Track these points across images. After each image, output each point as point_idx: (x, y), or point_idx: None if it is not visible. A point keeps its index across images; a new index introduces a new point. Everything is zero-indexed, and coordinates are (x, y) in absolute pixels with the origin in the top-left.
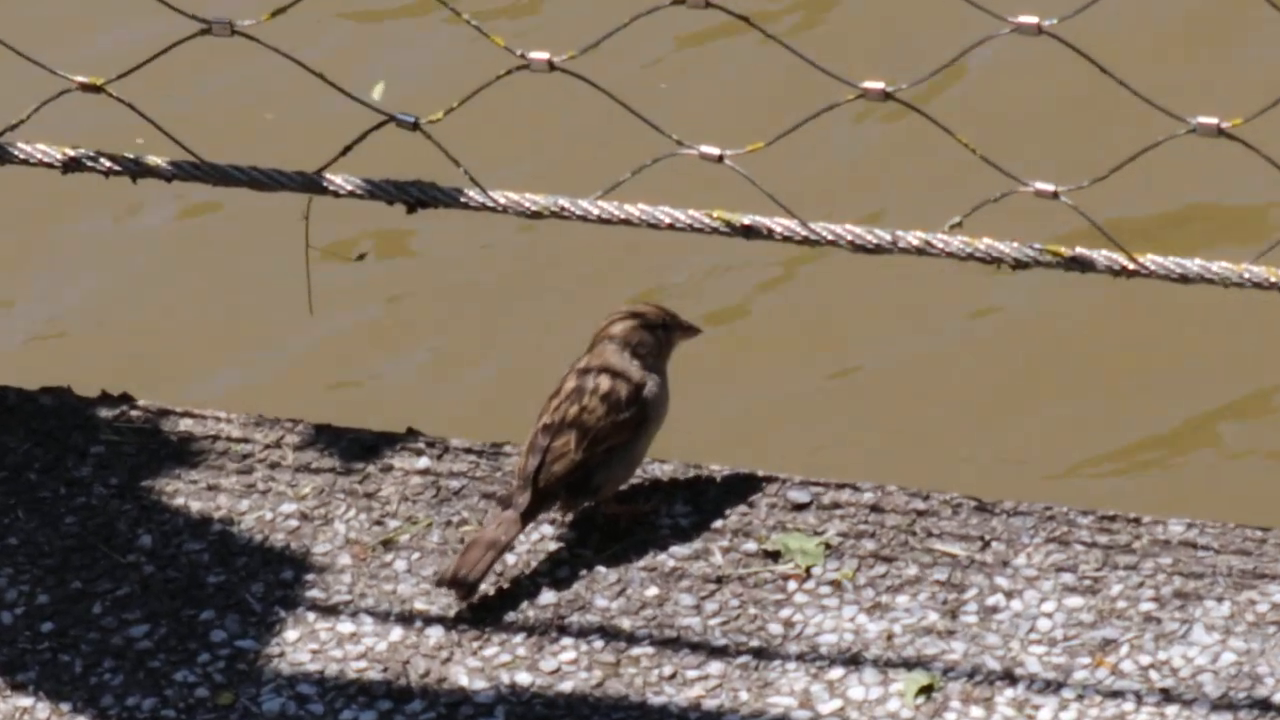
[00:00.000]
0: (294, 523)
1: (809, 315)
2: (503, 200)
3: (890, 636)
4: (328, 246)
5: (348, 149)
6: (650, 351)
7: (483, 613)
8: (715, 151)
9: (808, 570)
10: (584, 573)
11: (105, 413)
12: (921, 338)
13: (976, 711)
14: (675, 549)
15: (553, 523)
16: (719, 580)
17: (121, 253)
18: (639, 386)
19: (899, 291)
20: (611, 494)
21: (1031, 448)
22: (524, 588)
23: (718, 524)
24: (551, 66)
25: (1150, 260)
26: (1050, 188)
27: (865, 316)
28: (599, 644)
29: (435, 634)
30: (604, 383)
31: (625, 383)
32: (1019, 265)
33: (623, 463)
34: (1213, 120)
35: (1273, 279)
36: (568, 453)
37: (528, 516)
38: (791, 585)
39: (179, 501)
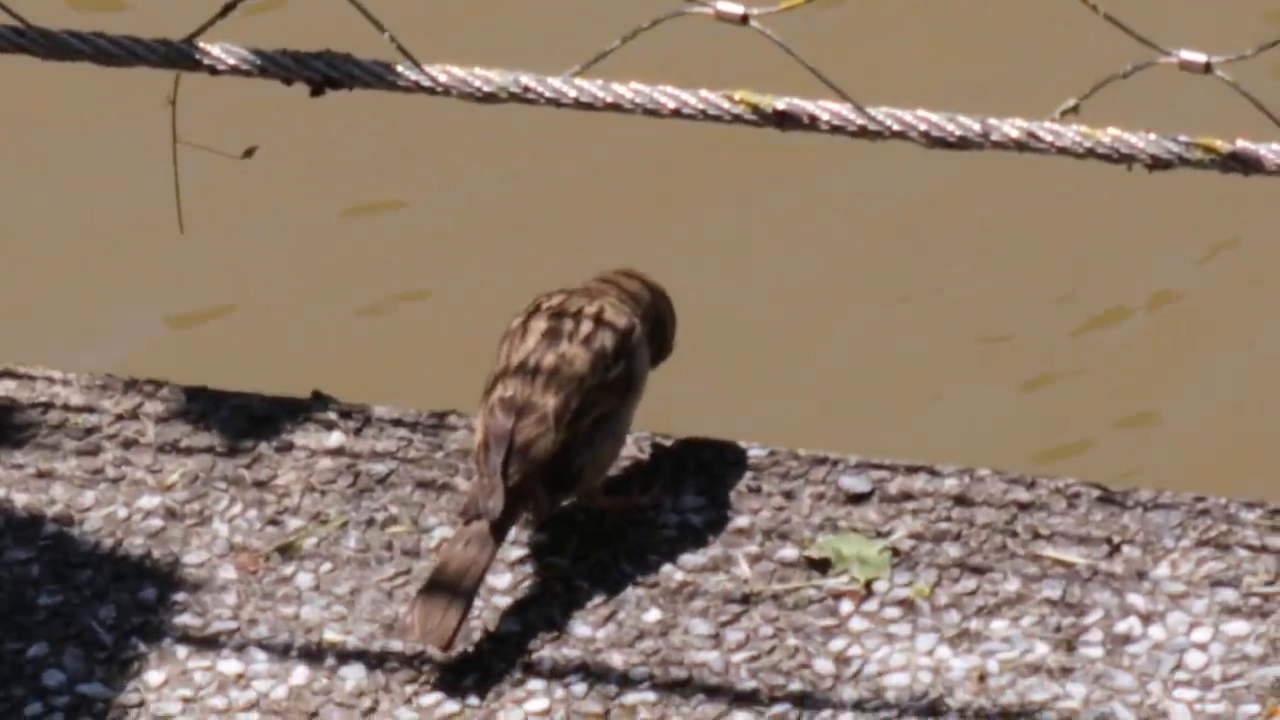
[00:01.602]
0: (157, 522)
1: (856, 246)
2: (444, 78)
3: (983, 677)
4: (202, 143)
5: (229, 7)
6: (643, 315)
7: (418, 645)
8: (738, 9)
9: (868, 586)
10: (559, 590)
11: None
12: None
13: None
14: (685, 557)
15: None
16: (745, 600)
17: None
18: (627, 332)
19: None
20: (597, 483)
21: (1175, 420)
22: (476, 611)
23: (743, 522)
24: None
25: None
26: (1201, 58)
27: (931, 245)
28: (579, 688)
29: (354, 675)
30: (586, 325)
31: (610, 329)
32: (1157, 164)
33: (610, 438)
34: None
35: None
36: (545, 431)
37: (503, 526)
38: (846, 606)
39: None
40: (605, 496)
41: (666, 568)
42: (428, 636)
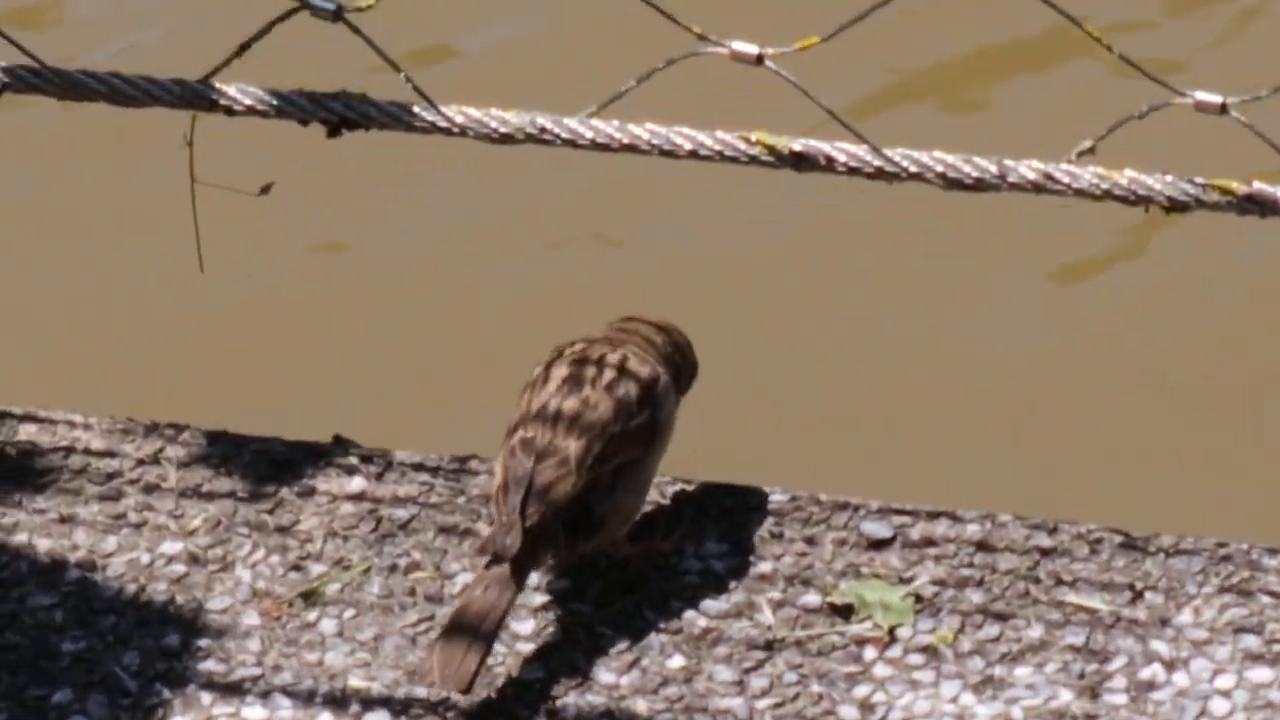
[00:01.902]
0: (180, 568)
1: (878, 290)
2: (460, 119)
3: None
4: (220, 182)
5: (244, 47)
6: (668, 364)
7: (443, 691)
8: (752, 50)
9: (891, 632)
10: (582, 636)
11: None
12: (1028, 318)
13: None
14: (708, 603)
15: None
16: (769, 646)
17: None
18: (651, 382)
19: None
20: (619, 532)
21: (1197, 465)
22: (499, 658)
23: (766, 568)
24: None
25: None
26: (1217, 99)
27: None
28: None
29: None
30: (609, 373)
31: (633, 379)
32: (1174, 207)
33: (633, 487)
34: None
35: None
36: (566, 474)
37: (522, 568)
38: (869, 653)
39: (19, 539)
40: (628, 544)
41: (690, 614)
42: (447, 680)
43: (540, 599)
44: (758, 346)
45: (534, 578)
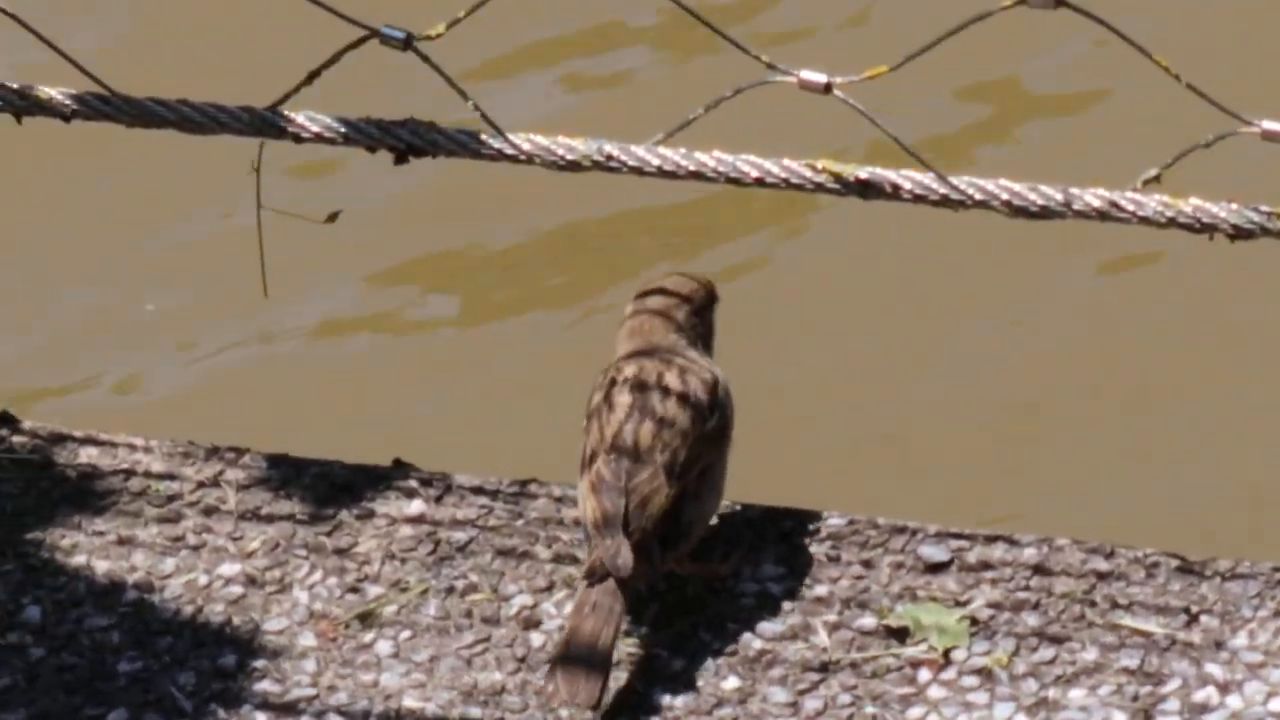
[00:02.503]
0: (237, 589)
1: (934, 313)
2: (527, 146)
3: None
4: (287, 208)
5: (314, 75)
6: (702, 336)
7: (497, 712)
8: (820, 79)
9: (946, 654)
10: (639, 657)
11: None
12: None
13: None
14: (764, 625)
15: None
16: (824, 668)
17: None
18: (714, 382)
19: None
20: (699, 537)
21: (1254, 485)
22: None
23: (822, 591)
24: None
25: None
26: None
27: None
28: None
29: None
30: (673, 380)
31: (698, 378)
32: (1239, 234)
33: (712, 492)
34: None
35: None
36: (660, 485)
37: (632, 582)
38: (924, 675)
39: (78, 560)
40: (689, 561)
41: (745, 636)
42: (575, 698)
43: None
44: (815, 370)
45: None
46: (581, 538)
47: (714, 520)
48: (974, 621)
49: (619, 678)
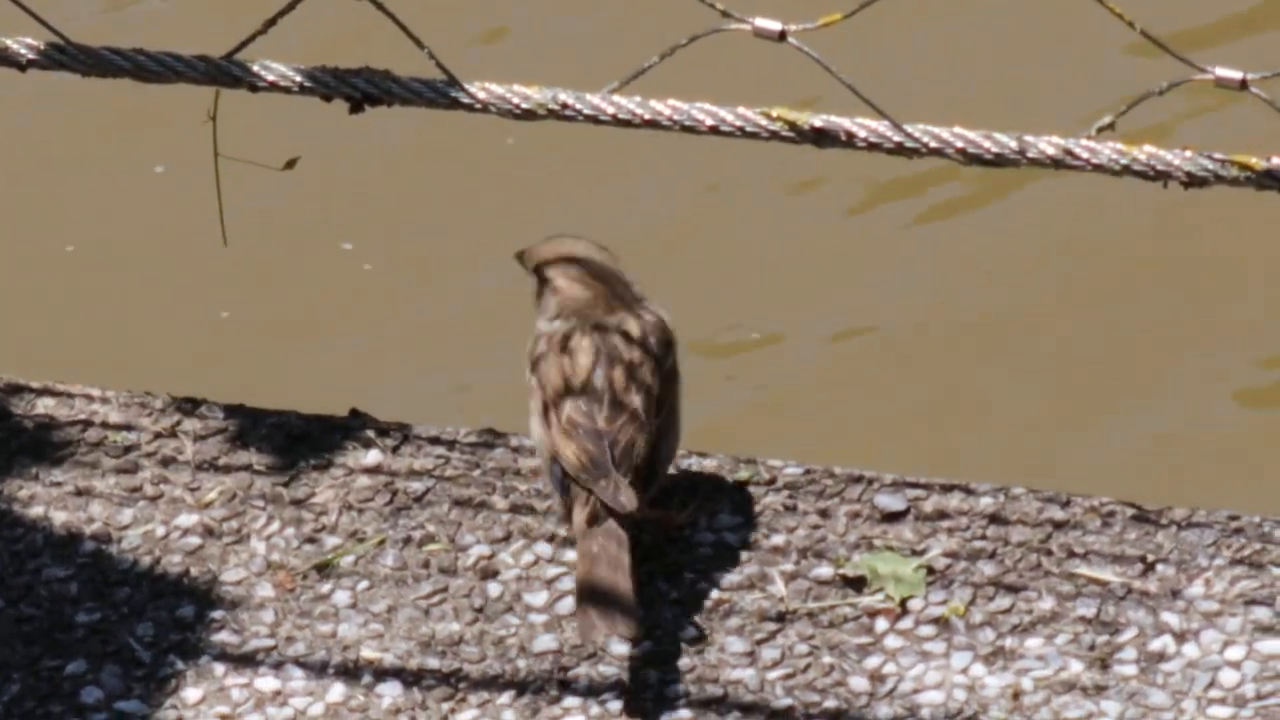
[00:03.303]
0: (195, 540)
1: (888, 262)
2: (482, 95)
3: (1018, 694)
4: (244, 157)
5: (270, 23)
6: (628, 283)
7: (454, 663)
8: (775, 26)
9: (903, 604)
10: (576, 582)
11: None
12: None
13: None
14: (720, 575)
15: (550, 539)
16: (781, 618)
17: None
18: (662, 324)
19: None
20: (666, 475)
21: (1207, 433)
22: (512, 629)
23: (778, 540)
24: None
25: None
26: (1236, 74)
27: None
28: (615, 705)
29: (390, 692)
30: (632, 324)
31: (651, 318)
32: (1193, 182)
33: (674, 428)
34: None
35: None
36: (639, 427)
37: (632, 517)
38: (881, 624)
39: (35, 511)
40: (648, 509)
41: (702, 585)
42: (615, 628)
43: (553, 570)
44: (772, 320)
45: (545, 548)
46: (540, 487)
47: (669, 468)
48: (930, 571)
49: (573, 626)
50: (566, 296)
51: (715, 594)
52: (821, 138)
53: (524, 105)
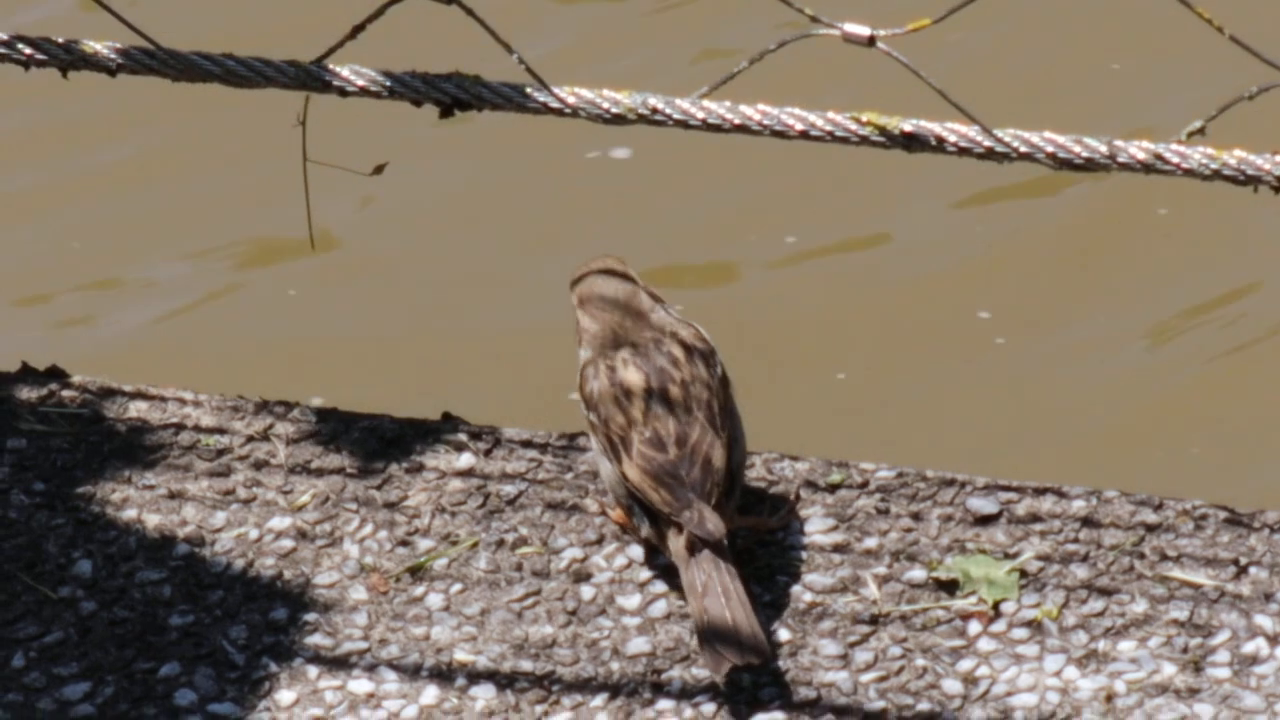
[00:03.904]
0: (288, 543)
1: (979, 272)
2: (572, 99)
3: (1111, 697)
4: (333, 162)
5: (359, 29)
6: (658, 300)
7: (547, 665)
8: (864, 31)
9: (996, 607)
10: (688, 610)
11: (27, 393)
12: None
13: None
14: (813, 578)
15: (643, 543)
16: (874, 620)
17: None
18: (696, 331)
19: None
20: (744, 481)
21: None
22: (605, 631)
23: (871, 544)
24: None
25: None
26: None
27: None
28: (709, 708)
29: (484, 695)
30: (670, 341)
31: (687, 332)
32: None
33: (741, 435)
34: None
35: None
36: (713, 437)
37: (727, 539)
38: (974, 627)
39: (128, 514)
40: (738, 516)
41: (795, 588)
42: (746, 655)
43: (645, 574)
44: (866, 326)
45: (637, 552)
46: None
47: (754, 482)
48: (1023, 574)
49: (671, 631)
50: (595, 326)
51: (808, 597)
52: (912, 142)
53: (614, 110)
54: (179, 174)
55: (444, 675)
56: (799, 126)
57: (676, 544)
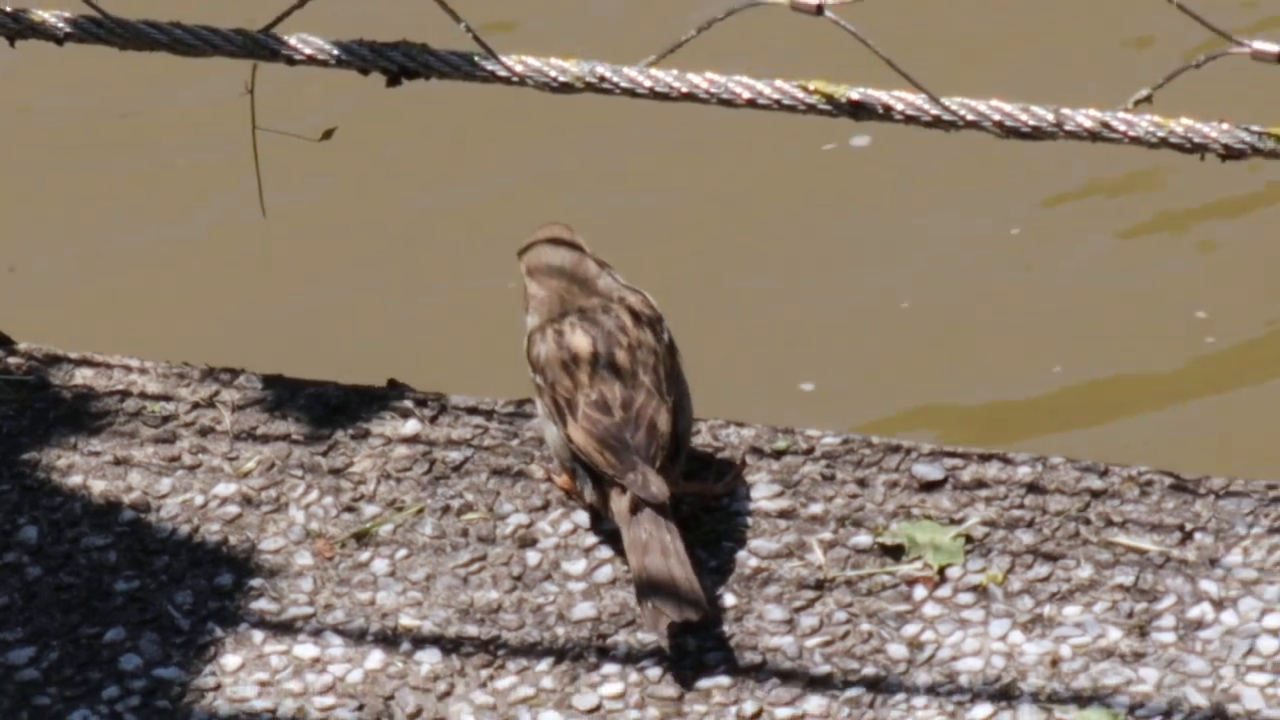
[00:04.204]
0: (233, 509)
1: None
2: (519, 68)
3: (1056, 662)
4: (280, 129)
5: None
6: (604, 266)
7: (493, 630)
8: (813, 0)
9: (941, 572)
10: (632, 576)
11: None
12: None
13: None
14: (758, 543)
15: (588, 509)
16: (819, 586)
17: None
18: (644, 297)
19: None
20: (690, 448)
21: (1246, 406)
22: (550, 596)
23: (817, 509)
24: None
25: None
26: (1274, 48)
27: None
28: (654, 672)
29: (429, 659)
30: (618, 308)
31: (635, 299)
32: (1230, 154)
33: (687, 399)
34: None
35: None
36: (659, 403)
37: (667, 500)
38: (920, 592)
39: (74, 480)
40: (683, 481)
41: (741, 554)
42: (685, 610)
43: (591, 539)
44: (811, 289)
45: (582, 518)
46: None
47: (699, 448)
48: (969, 539)
49: (617, 596)
50: (543, 292)
51: (754, 562)
52: (859, 110)
53: (561, 78)
54: (128, 139)
55: (389, 640)
56: (746, 95)
57: (620, 505)
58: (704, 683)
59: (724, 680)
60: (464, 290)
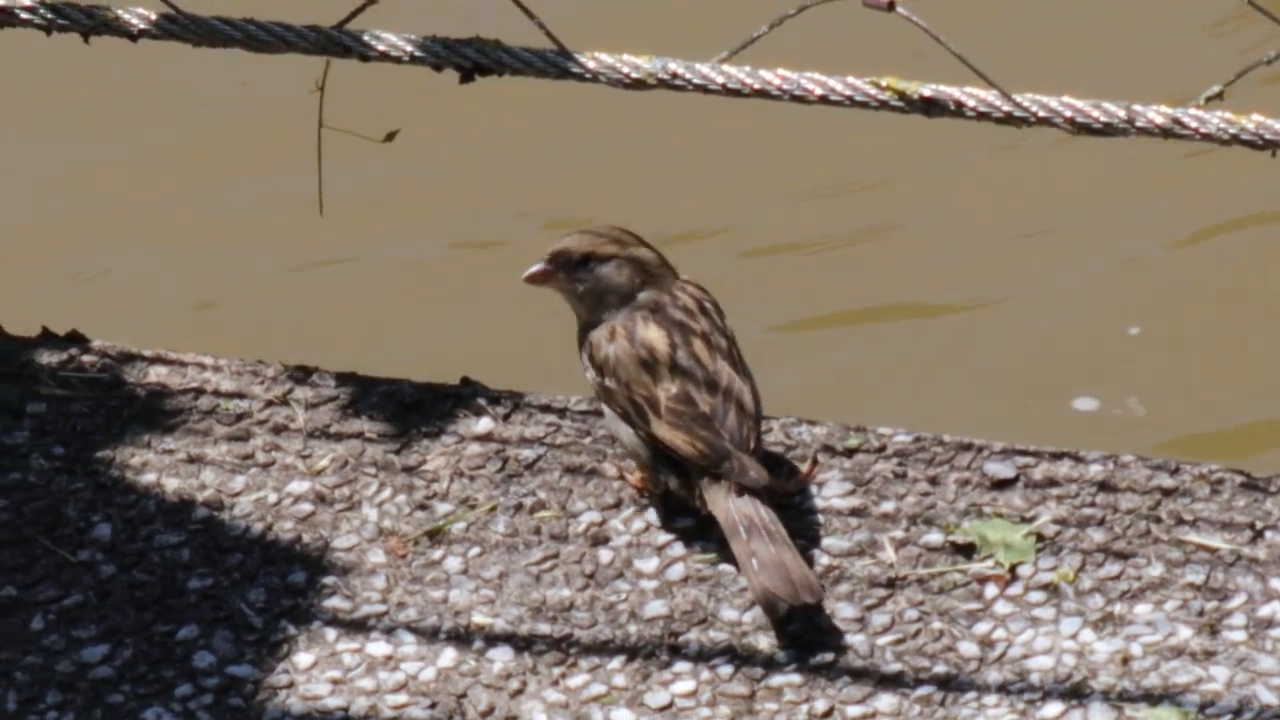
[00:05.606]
0: (307, 506)
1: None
2: (592, 64)
3: (1126, 660)
4: (348, 128)
5: None
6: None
7: (565, 628)
8: None
9: (1013, 570)
10: (705, 574)
11: (47, 358)
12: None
13: None
14: (830, 542)
15: (660, 507)
16: (891, 584)
17: (66, 143)
18: (701, 287)
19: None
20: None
21: None
22: (622, 594)
23: (888, 507)
24: None
25: None
26: None
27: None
28: (726, 670)
29: (501, 657)
30: (683, 298)
31: (694, 289)
32: None
33: (758, 391)
34: None
35: None
36: (742, 384)
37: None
38: (991, 590)
39: (148, 479)
40: None
41: (813, 552)
42: (801, 594)
43: (663, 537)
44: (886, 292)
45: (653, 516)
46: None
47: (771, 446)
48: (1040, 538)
49: (689, 594)
50: (605, 291)
51: (825, 560)
52: (931, 106)
53: (633, 75)
54: (192, 142)
55: (462, 638)
56: (818, 91)
57: (714, 494)
58: (775, 680)
59: (795, 678)
60: (536, 290)
